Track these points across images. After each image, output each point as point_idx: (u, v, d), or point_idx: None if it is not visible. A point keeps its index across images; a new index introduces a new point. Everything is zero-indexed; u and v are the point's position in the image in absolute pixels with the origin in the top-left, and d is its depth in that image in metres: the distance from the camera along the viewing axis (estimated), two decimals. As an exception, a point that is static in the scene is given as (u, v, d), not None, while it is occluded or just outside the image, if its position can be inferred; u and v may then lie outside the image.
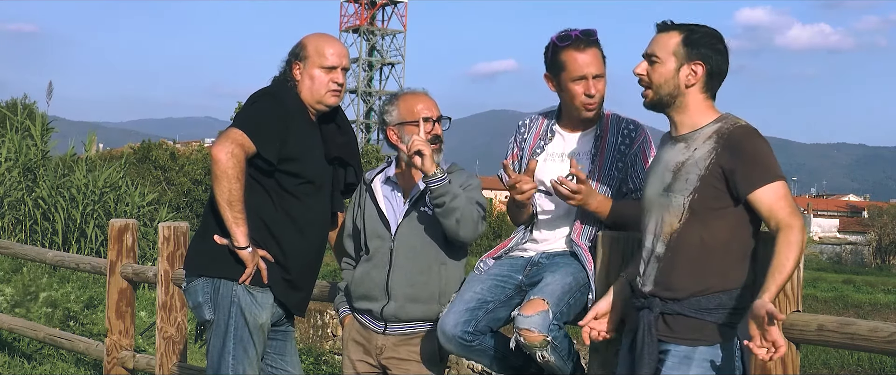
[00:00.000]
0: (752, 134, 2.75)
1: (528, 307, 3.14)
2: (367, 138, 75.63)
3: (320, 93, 3.48)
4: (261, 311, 3.43)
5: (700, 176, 2.75)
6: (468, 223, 3.36)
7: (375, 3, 77.58)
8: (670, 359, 2.79)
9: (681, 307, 2.78)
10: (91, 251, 12.51)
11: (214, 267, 3.43)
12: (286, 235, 3.46)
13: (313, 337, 14.32)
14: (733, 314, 2.75)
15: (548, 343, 3.10)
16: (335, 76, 3.49)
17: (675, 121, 2.88)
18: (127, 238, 5.57)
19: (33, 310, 8.27)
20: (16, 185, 12.85)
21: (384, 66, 78.70)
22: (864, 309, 14.36)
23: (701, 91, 2.83)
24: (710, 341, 2.76)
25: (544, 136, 3.44)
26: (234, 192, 3.29)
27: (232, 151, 3.28)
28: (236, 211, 3.31)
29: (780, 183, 2.71)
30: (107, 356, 5.61)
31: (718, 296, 2.75)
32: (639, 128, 3.37)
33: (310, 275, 3.64)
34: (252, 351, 3.43)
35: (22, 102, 23.97)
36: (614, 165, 3.33)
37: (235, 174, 3.28)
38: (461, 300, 3.32)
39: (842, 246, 35.47)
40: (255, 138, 3.33)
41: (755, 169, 2.70)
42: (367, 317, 3.56)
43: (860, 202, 78.14)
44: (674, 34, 2.84)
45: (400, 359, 3.49)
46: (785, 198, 2.70)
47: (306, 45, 3.51)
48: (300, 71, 3.48)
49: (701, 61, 2.80)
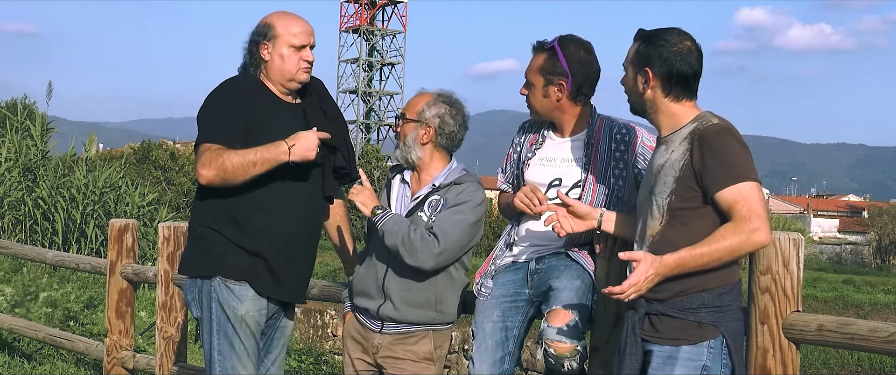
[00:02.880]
0: (723, 133, 2.74)
1: (555, 318, 3.13)
2: (367, 138, 75.62)
3: (292, 71, 3.42)
4: (239, 304, 3.39)
5: (675, 177, 2.77)
6: (413, 253, 3.34)
7: (375, 3, 77.54)
8: (655, 360, 2.81)
9: (664, 307, 2.79)
10: (91, 251, 12.50)
11: (194, 265, 3.47)
12: (257, 221, 3.39)
13: (313, 337, 14.31)
14: (717, 312, 2.75)
15: (577, 352, 3.11)
16: (305, 54, 3.44)
17: (657, 125, 2.91)
18: (127, 238, 5.57)
19: (33, 310, 8.27)
20: (16, 185, 12.84)
21: (384, 67, 78.66)
22: (864, 309, 14.35)
23: (663, 95, 2.84)
24: (693, 340, 2.76)
25: (537, 141, 3.45)
26: (237, 161, 3.26)
27: (203, 162, 3.27)
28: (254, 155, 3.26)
29: (748, 183, 2.69)
30: (107, 356, 5.61)
31: (700, 296, 2.76)
32: (632, 132, 3.34)
33: (294, 261, 3.50)
34: (238, 345, 3.40)
35: (22, 102, 23.93)
36: (610, 172, 3.30)
37: (229, 168, 3.26)
38: (488, 338, 3.33)
39: (842, 246, 35.46)
40: (218, 139, 3.30)
41: (722, 169, 2.70)
42: (364, 316, 3.57)
43: (860, 202, 78.08)
44: (635, 44, 2.89)
45: (396, 358, 3.50)
46: (748, 199, 2.68)
47: (274, 24, 3.43)
48: (269, 51, 3.42)
49: (648, 68, 2.82)
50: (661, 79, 2.82)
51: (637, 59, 2.86)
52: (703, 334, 2.76)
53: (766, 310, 2.84)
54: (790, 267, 2.83)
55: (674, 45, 2.81)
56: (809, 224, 44.49)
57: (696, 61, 2.83)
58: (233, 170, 3.26)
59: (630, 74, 2.90)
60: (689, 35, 2.85)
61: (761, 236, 2.68)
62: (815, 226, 45.87)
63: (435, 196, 3.47)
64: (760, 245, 2.71)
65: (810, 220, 47.71)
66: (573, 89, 3.27)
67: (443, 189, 3.47)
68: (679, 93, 2.84)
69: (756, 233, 2.67)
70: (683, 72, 2.82)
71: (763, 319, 2.84)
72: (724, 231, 2.69)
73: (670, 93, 2.84)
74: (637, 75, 2.86)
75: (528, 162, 3.42)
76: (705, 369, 2.76)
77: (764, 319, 2.84)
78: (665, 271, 2.71)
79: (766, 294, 2.84)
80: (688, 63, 2.82)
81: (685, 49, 2.82)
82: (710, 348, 2.76)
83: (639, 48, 2.86)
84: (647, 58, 2.83)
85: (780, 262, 2.83)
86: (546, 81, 3.29)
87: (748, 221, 2.66)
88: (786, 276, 2.83)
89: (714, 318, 2.75)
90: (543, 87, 3.31)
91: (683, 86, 2.84)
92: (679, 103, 2.84)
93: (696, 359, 2.76)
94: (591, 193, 3.29)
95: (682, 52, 2.82)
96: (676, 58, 2.81)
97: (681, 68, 2.81)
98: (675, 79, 2.82)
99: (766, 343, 2.83)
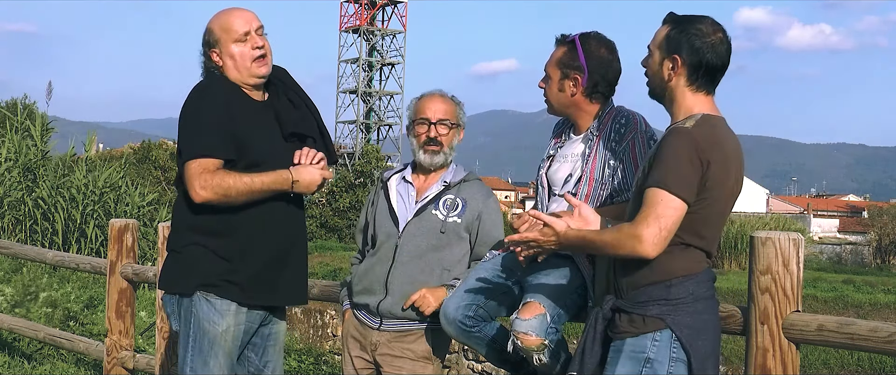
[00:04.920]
0: (676, 135, 2.71)
1: (525, 310, 3.14)
2: (367, 138, 75.61)
3: (246, 66, 3.34)
4: (220, 319, 3.29)
5: (643, 169, 2.80)
6: None
7: (375, 3, 77.52)
8: (610, 354, 2.82)
9: (623, 303, 2.80)
10: (91, 251, 12.50)
11: (175, 281, 3.37)
12: (242, 229, 3.30)
13: (313, 337, 14.31)
14: (664, 305, 2.73)
15: (545, 346, 3.11)
16: (252, 41, 3.35)
17: (670, 113, 2.88)
18: (127, 238, 5.57)
19: (33, 310, 8.27)
20: (16, 185, 12.84)
21: (384, 67, 78.65)
22: (864, 309, 14.34)
23: (686, 84, 2.81)
24: (637, 332, 2.75)
25: (560, 140, 3.48)
26: (242, 188, 3.22)
27: (203, 184, 3.20)
28: (261, 185, 3.24)
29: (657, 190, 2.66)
30: (107, 356, 5.61)
31: (647, 290, 2.75)
32: (630, 122, 3.28)
33: (287, 263, 3.42)
34: (213, 363, 3.30)
35: (22, 102, 23.95)
36: (606, 165, 3.27)
37: (232, 194, 3.22)
38: (465, 285, 3.35)
39: (842, 246, 35.42)
40: (216, 153, 3.23)
41: (654, 168, 2.71)
42: (363, 313, 3.59)
43: (860, 202, 78.09)
44: (665, 27, 2.84)
45: (393, 356, 3.51)
46: (649, 205, 2.66)
47: (212, 28, 3.37)
48: (219, 55, 3.35)
49: (677, 54, 2.79)
50: (689, 68, 2.79)
51: (667, 43, 2.81)
52: (646, 326, 2.74)
53: (766, 310, 2.84)
54: (790, 267, 2.83)
55: (707, 35, 2.78)
56: (809, 224, 44.48)
57: (725, 54, 2.81)
58: (236, 196, 3.23)
59: (656, 58, 2.84)
60: (720, 26, 2.81)
61: (639, 245, 2.66)
62: (815, 226, 45.86)
63: (449, 195, 3.55)
64: (635, 252, 2.68)
65: (810, 220, 47.71)
66: (588, 86, 3.27)
67: (454, 187, 3.56)
68: (701, 85, 2.81)
69: (634, 240, 2.66)
70: (713, 65, 2.79)
71: (763, 319, 2.84)
72: (620, 226, 2.71)
73: (694, 83, 2.81)
74: (664, 60, 2.82)
75: (549, 159, 3.44)
76: (649, 362, 2.73)
77: (764, 319, 2.84)
78: (565, 241, 2.80)
79: (766, 294, 2.84)
80: (718, 55, 2.79)
81: (717, 40, 2.79)
82: (655, 340, 2.73)
83: (670, 33, 2.81)
84: (677, 44, 2.79)
85: (780, 262, 2.82)
86: (562, 75, 3.29)
87: (636, 226, 2.66)
88: (786, 276, 2.83)
89: (661, 311, 2.73)
90: (559, 81, 3.31)
91: (709, 78, 2.81)
92: (696, 95, 2.81)
93: (640, 351, 2.74)
94: (588, 186, 3.28)
95: (715, 44, 2.78)
96: (708, 48, 2.78)
97: (711, 60, 2.78)
98: (703, 70, 2.79)
99: (766, 343, 2.83)
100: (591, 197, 3.26)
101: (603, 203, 3.26)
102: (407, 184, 3.63)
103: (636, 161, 3.22)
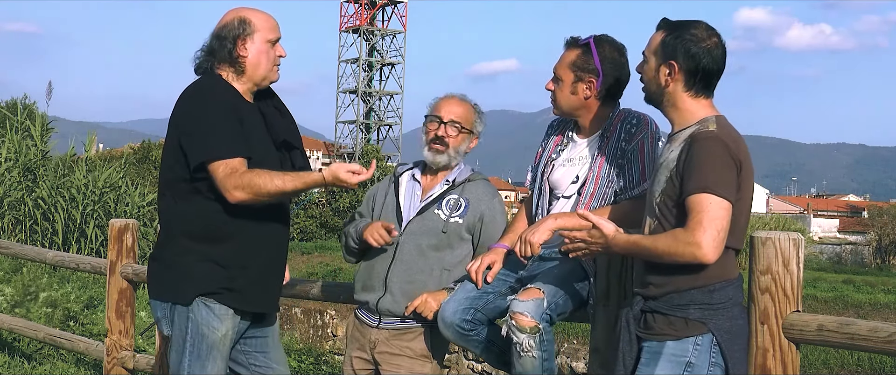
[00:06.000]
0: (710, 141, 2.71)
1: (523, 293, 3.17)
2: (367, 138, 75.62)
3: (268, 67, 3.33)
4: (220, 324, 3.27)
5: (667, 177, 2.78)
6: None
7: (375, 3, 77.51)
8: (643, 356, 2.82)
9: (657, 304, 2.80)
10: (91, 251, 12.50)
11: (170, 290, 3.32)
12: (243, 232, 3.27)
13: (313, 337, 14.31)
14: (706, 309, 2.75)
15: (538, 330, 3.11)
16: (279, 50, 3.37)
17: (669, 119, 2.90)
18: (127, 238, 5.57)
19: (33, 310, 8.26)
20: (16, 185, 12.84)
21: (384, 67, 78.64)
22: (864, 309, 14.35)
23: (684, 90, 2.82)
24: (678, 335, 2.76)
25: (562, 142, 3.47)
26: (273, 190, 3.17)
27: (237, 184, 3.15)
28: (293, 184, 3.20)
29: (707, 195, 2.65)
30: (107, 356, 5.61)
31: (690, 293, 2.76)
32: (641, 123, 3.30)
33: (275, 269, 3.42)
34: (210, 366, 3.28)
35: (22, 102, 23.96)
36: (614, 164, 3.29)
37: (264, 194, 3.17)
38: (464, 289, 3.36)
39: (842, 246, 35.42)
40: (240, 152, 3.19)
41: (694, 175, 2.69)
42: (363, 311, 3.61)
43: (860, 202, 78.07)
44: (660, 33, 2.85)
45: (391, 354, 3.52)
46: (701, 212, 2.65)
47: (250, 20, 3.30)
48: (251, 46, 3.30)
49: (673, 60, 2.80)
50: (686, 74, 2.80)
51: (662, 49, 2.82)
52: (688, 330, 2.76)
53: (766, 310, 2.83)
54: (790, 267, 2.83)
55: (703, 40, 2.79)
56: (809, 224, 44.48)
57: (721, 58, 2.82)
58: (268, 197, 3.18)
59: (652, 64, 2.86)
60: (715, 30, 2.83)
61: (699, 251, 2.65)
62: (815, 226, 45.85)
63: (453, 195, 3.55)
64: (696, 259, 2.67)
65: (810, 220, 47.69)
66: (602, 89, 3.28)
67: (458, 186, 3.57)
68: (699, 90, 2.82)
69: (693, 247, 2.65)
70: (710, 69, 2.80)
71: (763, 319, 2.84)
72: (674, 232, 2.71)
73: (691, 89, 2.82)
74: (660, 66, 2.83)
75: (552, 163, 3.43)
76: (690, 366, 2.75)
77: (764, 319, 2.84)
78: (614, 244, 2.79)
79: (766, 294, 2.83)
80: (715, 59, 2.81)
81: (713, 45, 2.80)
82: (697, 344, 2.75)
83: (665, 38, 2.82)
84: (673, 50, 2.80)
85: (780, 262, 2.82)
86: (576, 78, 3.30)
87: (692, 233, 2.66)
88: (786, 276, 2.82)
89: (702, 315, 2.75)
90: (572, 84, 3.31)
91: (705, 83, 2.82)
92: (696, 100, 2.83)
93: (680, 355, 2.75)
94: (594, 184, 3.29)
95: (710, 49, 2.80)
96: (704, 54, 2.79)
97: (708, 65, 2.80)
98: (700, 76, 2.80)
99: (766, 343, 2.83)
100: (596, 195, 3.28)
101: (608, 201, 3.27)
102: (415, 182, 3.65)
103: (644, 160, 3.24)
